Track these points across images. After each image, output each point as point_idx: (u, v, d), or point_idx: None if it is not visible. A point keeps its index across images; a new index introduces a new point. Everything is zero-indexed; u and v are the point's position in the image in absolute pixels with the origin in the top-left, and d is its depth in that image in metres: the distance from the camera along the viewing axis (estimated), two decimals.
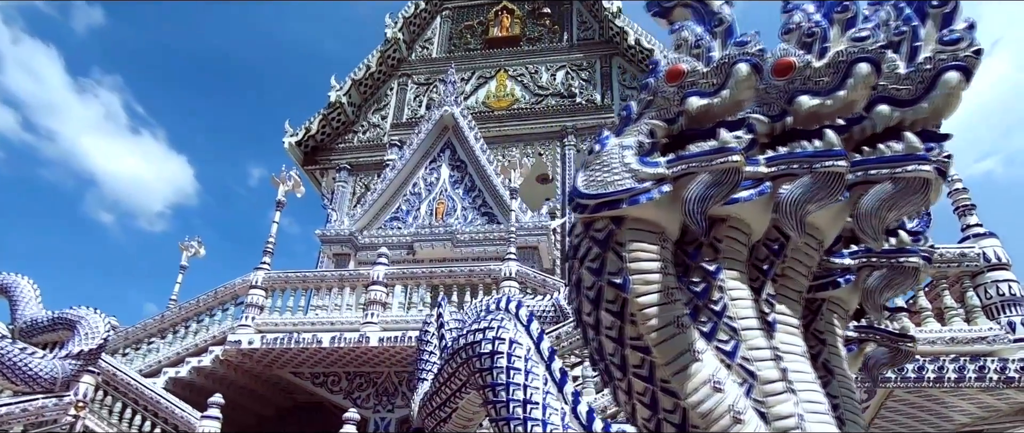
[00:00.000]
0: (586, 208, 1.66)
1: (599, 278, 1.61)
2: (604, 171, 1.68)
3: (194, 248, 12.64)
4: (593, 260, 1.64)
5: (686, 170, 1.59)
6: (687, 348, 1.56)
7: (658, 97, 1.74)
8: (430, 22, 18.51)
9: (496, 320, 3.00)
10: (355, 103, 17.43)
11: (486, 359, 2.81)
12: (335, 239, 11.97)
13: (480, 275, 9.13)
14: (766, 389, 1.61)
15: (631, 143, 1.71)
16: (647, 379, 1.56)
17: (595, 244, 1.63)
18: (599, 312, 1.62)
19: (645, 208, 1.59)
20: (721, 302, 1.71)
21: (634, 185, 1.61)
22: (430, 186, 12.54)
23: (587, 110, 15.58)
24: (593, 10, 16.82)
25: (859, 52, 1.66)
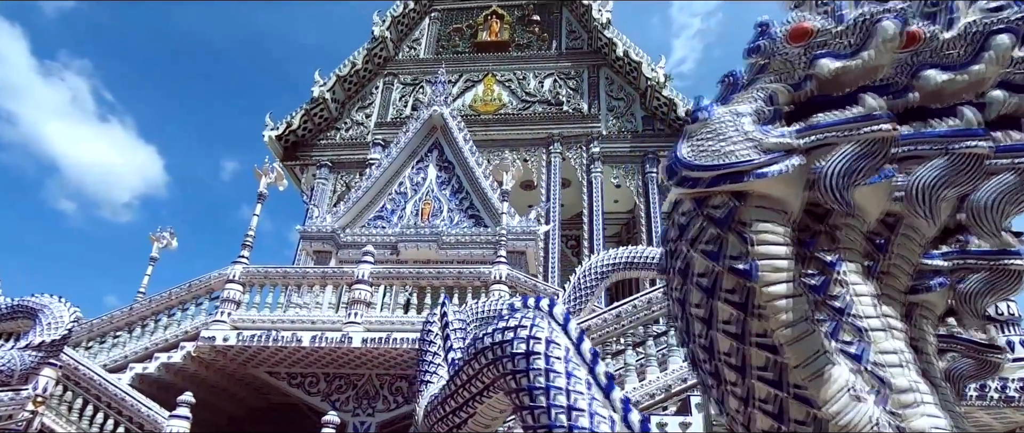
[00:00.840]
0: (698, 182, 1.41)
1: (717, 263, 1.36)
2: (718, 140, 1.43)
3: (166, 239, 12.03)
4: (708, 242, 1.38)
5: (821, 141, 1.35)
6: (822, 349, 1.31)
7: (776, 59, 1.50)
8: (419, 22, 18.21)
9: (527, 318, 2.71)
10: (339, 100, 17.00)
11: (520, 360, 2.53)
12: (316, 236, 11.52)
13: (469, 278, 8.82)
14: (901, 399, 1.37)
15: (747, 110, 1.46)
16: (775, 383, 1.31)
17: (712, 223, 1.38)
18: (714, 303, 1.36)
19: (773, 183, 1.35)
20: (843, 298, 1.47)
21: (758, 157, 1.36)
22: (416, 186, 12.19)
23: (574, 119, 15.44)
24: (582, 20, 16.75)
25: (997, 23, 1.46)
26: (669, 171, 1.50)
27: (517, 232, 10.52)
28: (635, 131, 14.87)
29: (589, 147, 14.88)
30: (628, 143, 14.73)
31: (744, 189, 1.36)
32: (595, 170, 14.54)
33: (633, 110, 15.18)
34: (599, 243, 13.89)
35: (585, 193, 14.46)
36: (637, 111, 15.12)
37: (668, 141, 14.41)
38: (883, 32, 1.35)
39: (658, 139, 14.53)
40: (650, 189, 13.94)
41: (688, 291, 1.42)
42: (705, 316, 1.38)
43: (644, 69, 14.61)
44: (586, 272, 6.41)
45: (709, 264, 1.37)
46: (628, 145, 14.71)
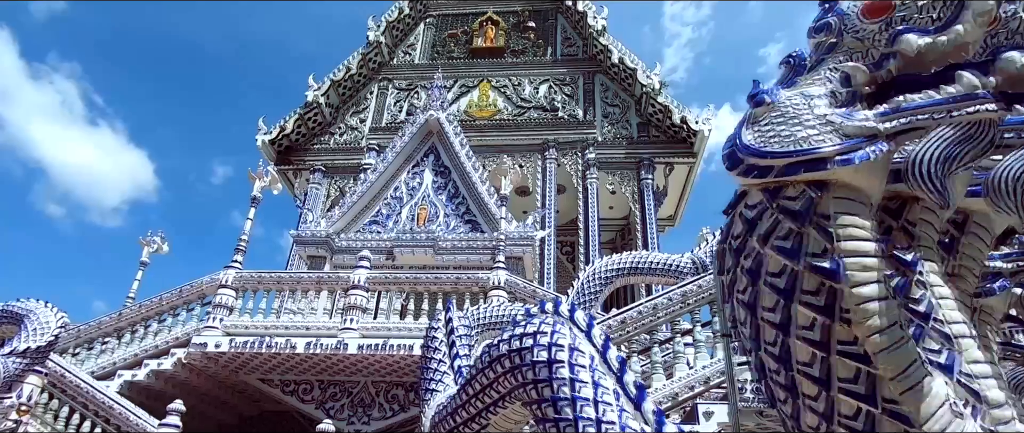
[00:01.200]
0: (769, 170, 1.25)
1: (795, 261, 1.19)
2: (791, 124, 1.27)
3: (157, 244, 11.74)
4: (784, 238, 1.22)
5: (910, 124, 1.20)
6: (917, 358, 1.15)
7: (848, 37, 1.34)
8: (413, 28, 18.06)
9: (546, 324, 2.54)
10: (333, 104, 16.79)
11: (541, 369, 2.35)
12: (310, 241, 11.27)
13: (467, 283, 8.62)
14: (996, 415, 1.21)
15: (820, 92, 1.31)
16: (864, 398, 1.14)
17: (788, 217, 1.22)
18: (792, 306, 1.20)
19: (857, 172, 1.19)
20: (925, 301, 1.31)
21: (840, 142, 1.21)
22: (412, 191, 11.99)
23: (569, 125, 15.33)
24: (578, 27, 16.67)
25: None
26: (730, 159, 1.34)
27: (514, 238, 10.34)
28: (630, 137, 14.77)
29: (584, 153, 14.76)
30: (623, 149, 14.62)
31: (825, 178, 1.20)
32: (591, 176, 14.42)
33: (628, 117, 15.09)
34: (595, 249, 13.74)
35: (580, 199, 14.33)
36: (632, 118, 15.03)
37: (663, 148, 14.33)
38: (978, 5, 1.20)
39: (653, 146, 14.44)
40: (645, 195, 13.82)
41: (759, 293, 1.26)
42: (780, 321, 1.22)
43: (639, 76, 14.53)
44: (590, 277, 6.25)
45: (786, 262, 1.20)
46: (623, 151, 14.60)
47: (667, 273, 6.17)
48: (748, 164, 1.28)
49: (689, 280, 5.56)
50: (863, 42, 1.32)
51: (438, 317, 4.42)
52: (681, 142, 14.16)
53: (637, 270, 6.28)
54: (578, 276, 6.56)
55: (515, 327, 2.67)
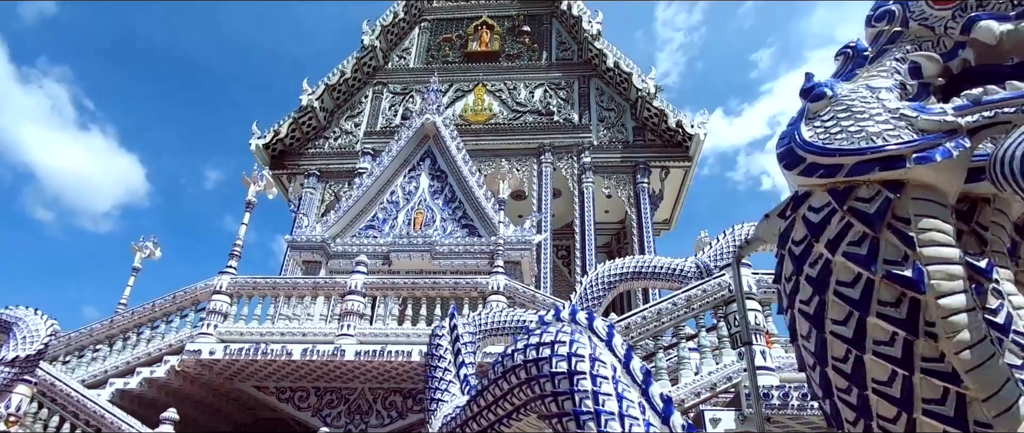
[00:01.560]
0: (837, 169, 1.13)
1: (869, 269, 1.07)
2: (858, 119, 1.15)
3: (149, 249, 11.52)
4: (856, 243, 1.09)
5: (993, 119, 1.09)
6: (1008, 376, 1.03)
7: (914, 25, 1.23)
8: (408, 32, 17.94)
9: (564, 333, 2.41)
10: (327, 109, 16.62)
11: (561, 381, 2.22)
12: (306, 245, 11.09)
13: (466, 288, 8.48)
14: None
15: (886, 85, 1.19)
16: (952, 420, 1.02)
17: (859, 220, 1.10)
18: (867, 319, 1.08)
19: (937, 170, 1.07)
20: (1003, 312, 1.20)
21: (915, 138, 1.09)
22: (409, 195, 11.83)
23: (564, 129, 15.24)
24: (572, 31, 16.61)
25: None
26: (788, 158, 1.22)
27: (512, 242, 10.21)
28: (626, 141, 14.70)
29: (580, 157, 14.67)
30: (619, 153, 14.55)
31: (901, 177, 1.08)
32: (586, 180, 14.32)
33: (624, 121, 15.02)
34: (591, 253, 13.65)
35: (577, 203, 14.23)
36: (628, 121, 14.96)
37: (659, 152, 14.26)
38: None
39: (649, 150, 14.37)
40: (641, 199, 13.74)
41: (826, 304, 1.14)
42: (851, 335, 1.10)
43: (635, 80, 14.48)
44: (593, 282, 6.13)
45: (859, 270, 1.08)
46: (619, 155, 14.52)
47: (671, 278, 6.07)
48: (811, 163, 1.16)
49: (693, 285, 5.46)
50: (932, 30, 1.20)
51: (442, 324, 4.28)
52: (677, 146, 14.10)
53: (640, 275, 6.17)
54: (580, 281, 6.43)
55: (530, 336, 2.54)
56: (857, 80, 1.24)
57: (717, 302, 5.42)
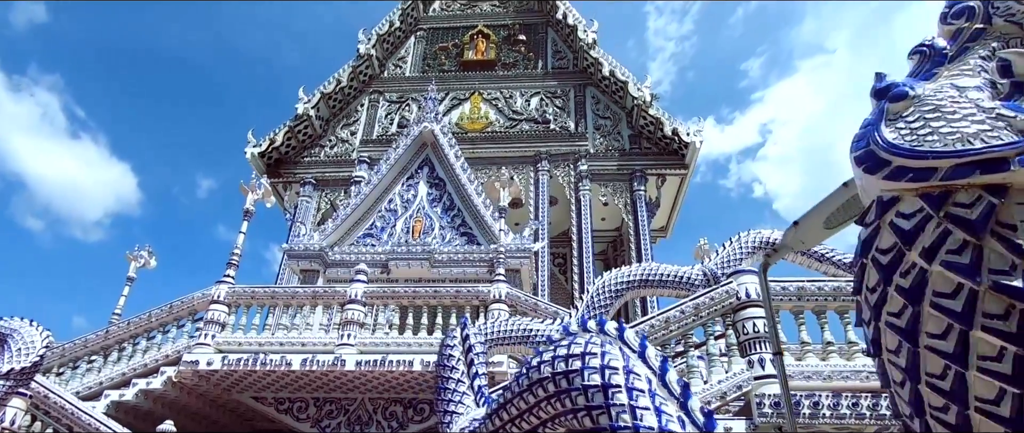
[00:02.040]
0: (930, 173, 1.05)
1: (973, 280, 0.99)
2: (950, 120, 1.07)
3: (144, 258, 11.31)
4: (956, 252, 1.02)
5: None
6: None
7: (1000, 21, 1.16)
8: (404, 41, 17.87)
9: (594, 344, 2.32)
10: (323, 117, 16.49)
11: (595, 394, 2.13)
12: (303, 254, 10.93)
13: (468, 296, 8.36)
14: None
15: (975, 83, 1.12)
16: None
17: (960, 227, 1.02)
18: (970, 333, 1.00)
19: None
20: None
21: (1016, 139, 1.02)
22: (407, 203, 11.72)
23: (561, 137, 15.19)
24: (568, 40, 16.61)
25: None
26: (870, 161, 1.14)
27: (512, 250, 10.11)
28: (622, 149, 14.67)
29: (577, 165, 14.62)
30: (615, 161, 14.51)
31: (1005, 181, 1.00)
32: (583, 188, 14.27)
33: (620, 129, 15.00)
34: (588, 261, 13.58)
35: (573, 211, 14.16)
36: (624, 130, 14.95)
37: (655, 159, 14.24)
38: None
39: (645, 157, 14.35)
40: (638, 207, 13.70)
41: (921, 317, 1.05)
42: (952, 350, 1.02)
43: (631, 88, 14.48)
44: (600, 290, 6.04)
45: (961, 281, 1.00)
46: (615, 163, 14.49)
47: (678, 285, 6.00)
48: (898, 166, 1.09)
49: (701, 292, 5.38)
50: (1020, 26, 1.13)
51: (453, 333, 4.17)
52: (673, 154, 14.09)
53: (647, 282, 6.10)
54: (588, 289, 6.34)
55: (557, 347, 2.45)
56: (938, 79, 1.17)
57: (725, 310, 5.35)
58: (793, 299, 5.23)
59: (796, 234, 2.62)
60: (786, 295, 5.25)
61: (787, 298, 5.26)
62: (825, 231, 2.59)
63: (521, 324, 5.68)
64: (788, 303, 5.27)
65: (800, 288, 5.17)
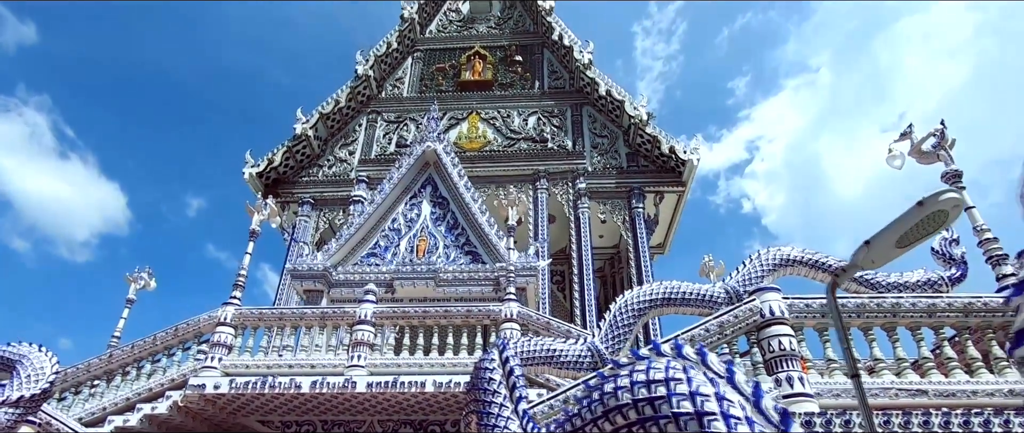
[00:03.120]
0: None
1: None
2: None
3: (144, 280, 11.03)
4: None
5: None
6: None
7: None
8: (401, 62, 17.87)
9: (677, 369, 2.24)
10: (321, 137, 16.37)
11: (689, 423, 2.04)
12: (307, 274, 10.72)
13: (479, 316, 8.23)
14: None
15: None
16: None
17: None
18: None
19: None
20: None
21: None
22: (410, 222, 11.58)
23: (559, 155, 15.20)
24: (564, 61, 16.71)
25: None
26: None
27: (518, 268, 10.00)
28: (620, 167, 14.70)
29: (575, 183, 14.61)
30: (613, 179, 14.53)
31: None
32: (582, 206, 14.25)
33: (617, 147, 15.05)
34: (588, 278, 13.51)
35: (573, 228, 14.11)
36: (621, 148, 15.00)
37: (653, 177, 14.29)
38: None
39: (643, 175, 14.40)
40: (637, 224, 13.69)
41: None
42: None
43: (627, 107, 14.56)
44: (622, 309, 5.96)
45: None
46: (614, 181, 14.51)
47: (701, 304, 5.94)
48: None
49: (725, 310, 5.33)
50: None
51: (489, 355, 4.06)
52: (670, 171, 14.15)
53: (670, 301, 6.03)
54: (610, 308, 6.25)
55: (632, 372, 2.36)
56: None
57: (750, 328, 5.29)
58: (817, 316, 5.19)
59: (867, 254, 2.57)
60: (810, 312, 5.21)
61: (811, 315, 5.22)
62: (896, 250, 2.54)
63: (544, 344, 5.56)
64: (812, 320, 5.23)
65: (824, 305, 5.13)
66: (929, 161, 5.26)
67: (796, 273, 6.12)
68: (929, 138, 5.19)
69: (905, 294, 5.21)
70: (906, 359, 4.97)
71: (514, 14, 18.32)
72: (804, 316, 5.23)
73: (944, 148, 5.35)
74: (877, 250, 2.50)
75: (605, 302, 16.67)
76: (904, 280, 5.78)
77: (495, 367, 3.86)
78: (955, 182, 5.45)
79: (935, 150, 5.19)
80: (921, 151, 5.18)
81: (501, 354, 3.92)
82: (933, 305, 5.04)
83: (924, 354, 4.97)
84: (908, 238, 2.43)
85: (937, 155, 5.38)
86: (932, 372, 4.84)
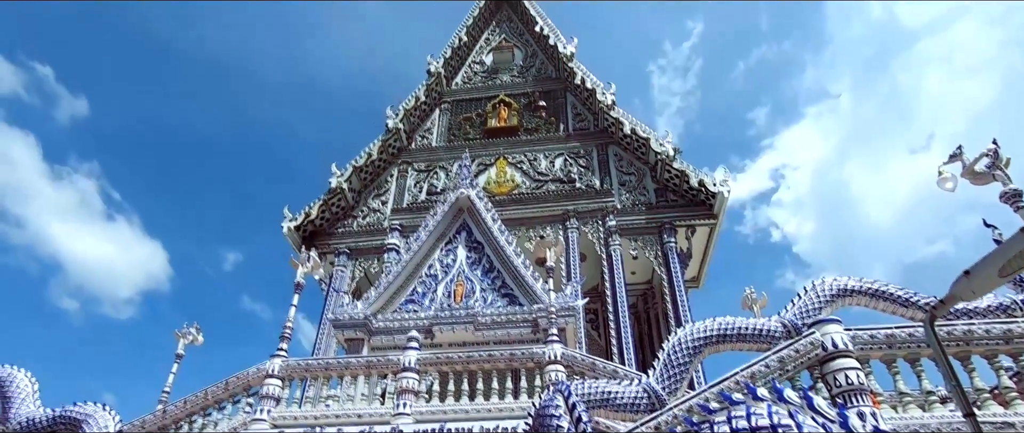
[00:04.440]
0: None
1: None
2: None
3: (192, 335, 11.06)
4: None
5: None
6: None
7: None
8: (429, 114, 18.21)
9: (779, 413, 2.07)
10: (355, 189, 16.63)
11: None
12: (348, 323, 10.66)
13: (522, 359, 8.03)
14: None
15: None
16: None
17: None
18: None
19: None
20: None
21: None
22: (447, 268, 11.51)
23: (587, 194, 15.12)
24: (587, 103, 16.83)
25: None
26: None
27: (557, 309, 9.80)
28: (649, 203, 14.54)
29: (605, 221, 14.47)
30: (643, 215, 14.36)
31: None
32: (614, 243, 14.06)
33: (645, 183, 14.93)
34: (624, 316, 13.20)
35: (605, 266, 13.89)
36: (649, 184, 14.87)
37: (683, 211, 14.08)
38: None
39: (673, 209, 14.20)
40: (671, 259, 13.42)
41: None
42: None
43: (652, 144, 14.50)
44: (675, 349, 5.72)
45: None
46: (644, 217, 14.33)
47: (757, 339, 5.68)
48: None
49: (784, 345, 5.07)
50: None
51: (553, 400, 3.88)
52: (700, 204, 13.93)
53: (725, 337, 5.78)
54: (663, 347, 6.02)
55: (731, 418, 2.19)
56: None
57: (812, 362, 5.01)
58: (883, 347, 4.91)
59: (967, 283, 2.39)
60: (875, 343, 4.93)
61: (877, 346, 4.94)
62: (998, 279, 2.36)
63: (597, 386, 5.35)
64: (878, 352, 4.94)
65: (890, 336, 4.86)
66: (984, 181, 5.04)
67: (856, 303, 5.84)
68: (982, 158, 4.99)
69: (977, 320, 4.90)
70: (984, 388, 4.64)
71: (536, 62, 18.63)
72: (870, 347, 4.95)
73: (999, 167, 5.14)
74: (978, 280, 2.33)
75: (641, 339, 16.24)
76: (974, 306, 5.47)
77: (562, 413, 3.69)
78: (1015, 202, 5.19)
79: (989, 170, 4.99)
80: (974, 172, 4.98)
81: (567, 400, 3.75)
82: (1009, 331, 4.72)
83: (1005, 383, 4.63)
84: (1013, 266, 2.26)
85: (992, 175, 5.16)
86: (1017, 402, 4.49)
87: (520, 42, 19.40)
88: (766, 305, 9.55)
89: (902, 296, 5.59)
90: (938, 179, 5.39)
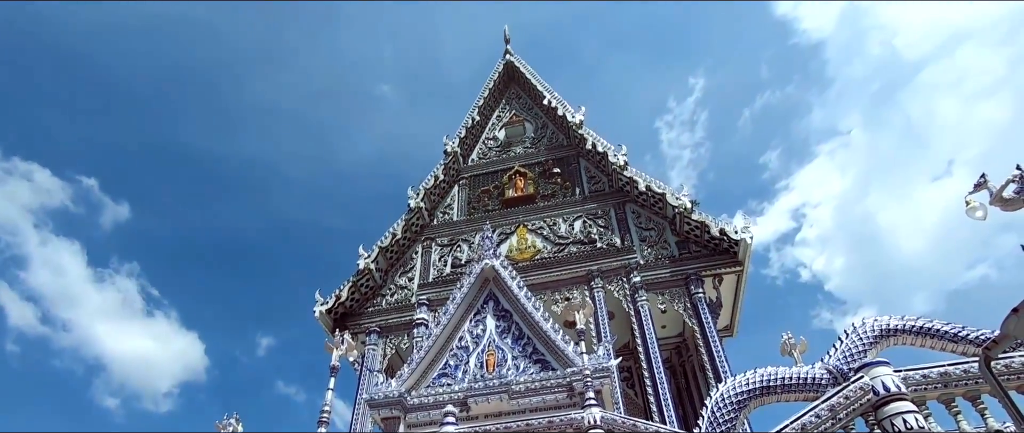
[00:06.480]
0: None
1: None
2: None
3: (232, 426, 10.84)
4: None
5: None
6: None
7: None
8: (449, 190, 18.48)
9: None
10: (382, 268, 16.68)
11: None
12: (384, 402, 10.35)
13: (561, 425, 7.63)
14: None
15: None
16: None
17: None
18: None
19: None
20: None
21: None
22: (477, 338, 11.26)
23: (609, 253, 14.92)
24: (600, 166, 16.94)
25: None
26: None
27: (591, 371, 9.42)
28: (672, 256, 14.27)
29: (629, 277, 14.18)
30: (667, 269, 14.05)
31: None
32: (640, 299, 13.70)
33: (665, 237, 14.72)
34: (659, 372, 12.66)
35: (634, 323, 13.48)
36: (669, 237, 14.65)
37: (707, 261, 13.75)
38: None
39: (697, 260, 13.88)
40: (701, 310, 12.98)
41: None
42: None
43: (669, 198, 14.40)
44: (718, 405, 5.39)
45: None
46: (668, 270, 14.02)
47: (803, 388, 5.32)
48: None
49: (832, 392, 4.74)
50: None
51: None
52: (724, 253, 13.62)
53: (769, 389, 5.43)
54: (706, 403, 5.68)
55: None
56: None
57: (864, 408, 4.66)
58: (939, 387, 4.55)
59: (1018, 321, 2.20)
60: (930, 383, 4.58)
61: (930, 386, 4.58)
62: None
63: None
64: (934, 392, 4.57)
65: (944, 374, 4.51)
66: (1015, 207, 4.80)
67: (901, 343, 5.48)
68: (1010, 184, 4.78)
69: None
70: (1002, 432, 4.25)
71: (547, 132, 19.00)
72: (924, 388, 4.59)
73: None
74: None
75: (679, 393, 15.49)
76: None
77: None
78: None
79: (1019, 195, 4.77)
80: (1003, 199, 4.76)
81: None
82: None
83: None
84: None
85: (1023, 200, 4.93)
86: None
87: (530, 116, 19.89)
88: (806, 350, 9.05)
89: (950, 332, 5.23)
90: (966, 209, 5.15)
